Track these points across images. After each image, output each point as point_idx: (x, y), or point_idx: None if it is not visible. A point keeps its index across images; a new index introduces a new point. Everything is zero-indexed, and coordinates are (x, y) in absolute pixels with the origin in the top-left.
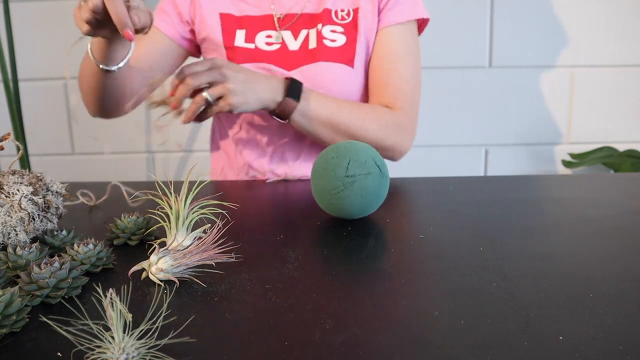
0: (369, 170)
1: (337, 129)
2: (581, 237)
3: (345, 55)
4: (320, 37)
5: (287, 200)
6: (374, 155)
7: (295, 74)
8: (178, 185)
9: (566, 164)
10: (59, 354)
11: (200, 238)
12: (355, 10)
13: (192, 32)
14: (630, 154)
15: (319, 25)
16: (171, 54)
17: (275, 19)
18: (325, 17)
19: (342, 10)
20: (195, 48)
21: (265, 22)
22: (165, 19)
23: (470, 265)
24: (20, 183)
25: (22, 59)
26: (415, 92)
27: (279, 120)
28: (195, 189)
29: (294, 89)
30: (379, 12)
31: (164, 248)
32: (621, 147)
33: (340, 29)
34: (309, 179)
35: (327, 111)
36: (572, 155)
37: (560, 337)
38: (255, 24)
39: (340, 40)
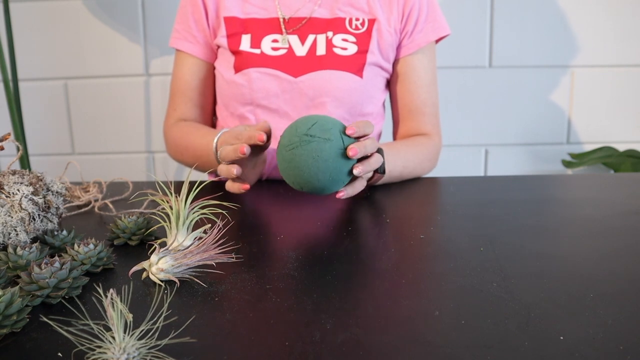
0: (329, 137)
1: (403, 177)
2: (581, 237)
3: (354, 64)
4: (330, 45)
5: (287, 200)
6: (341, 128)
7: (303, 80)
8: (178, 185)
9: (566, 164)
10: (59, 354)
11: (200, 238)
12: (371, 21)
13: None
14: (630, 154)
15: (330, 34)
16: (210, 74)
17: (281, 21)
18: (337, 25)
19: (357, 20)
20: None
21: (271, 26)
22: (192, 40)
23: (470, 265)
24: (21, 183)
25: (22, 59)
26: (438, 110)
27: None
28: (196, 189)
29: None
30: (402, 34)
31: (165, 248)
32: (621, 147)
33: (352, 38)
34: None
35: (399, 167)
36: (572, 155)
37: (561, 337)
38: (260, 28)
39: (352, 49)
